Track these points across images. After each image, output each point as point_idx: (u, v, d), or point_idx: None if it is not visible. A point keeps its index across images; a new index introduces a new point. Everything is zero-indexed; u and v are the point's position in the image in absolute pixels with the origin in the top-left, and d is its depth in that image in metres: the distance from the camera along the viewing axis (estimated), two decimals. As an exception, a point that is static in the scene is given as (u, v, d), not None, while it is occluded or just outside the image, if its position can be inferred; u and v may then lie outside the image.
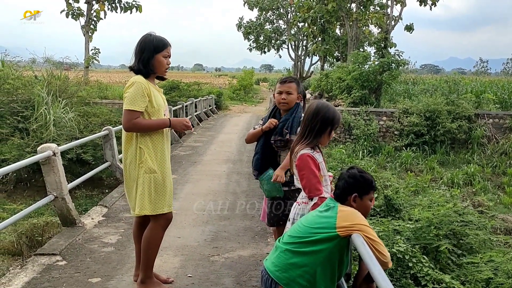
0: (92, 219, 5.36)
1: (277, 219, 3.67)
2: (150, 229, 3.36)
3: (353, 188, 2.41)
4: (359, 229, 2.20)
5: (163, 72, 3.39)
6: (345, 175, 2.47)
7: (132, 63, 3.33)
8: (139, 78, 3.23)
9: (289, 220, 2.92)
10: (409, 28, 21.76)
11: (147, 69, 3.27)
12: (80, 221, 5.09)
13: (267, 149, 3.56)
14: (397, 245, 5.11)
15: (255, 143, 3.77)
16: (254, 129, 3.72)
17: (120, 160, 7.41)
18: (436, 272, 5.04)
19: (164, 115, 3.36)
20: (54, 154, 4.78)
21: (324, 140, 2.88)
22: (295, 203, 2.95)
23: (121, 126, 3.31)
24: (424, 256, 5.19)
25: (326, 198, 2.61)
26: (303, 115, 3.45)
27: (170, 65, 3.42)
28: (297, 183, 2.92)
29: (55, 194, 4.87)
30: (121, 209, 5.79)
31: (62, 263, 4.08)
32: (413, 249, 5.25)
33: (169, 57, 3.37)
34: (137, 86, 3.17)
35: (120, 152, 7.58)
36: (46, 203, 4.93)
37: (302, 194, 2.88)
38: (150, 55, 3.25)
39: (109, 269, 3.97)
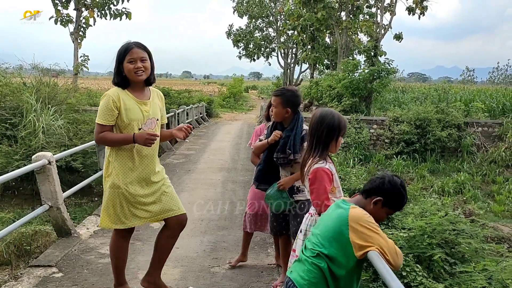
0: (88, 229, 5.26)
1: (280, 228, 3.64)
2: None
3: (383, 192, 2.30)
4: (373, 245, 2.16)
5: (134, 77, 3.12)
6: (388, 177, 2.34)
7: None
8: (111, 90, 3.17)
9: (300, 231, 2.88)
10: (398, 37, 21.96)
11: (123, 80, 3.18)
12: (75, 231, 4.99)
13: (270, 161, 3.51)
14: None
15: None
16: (260, 140, 3.67)
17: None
18: (430, 281, 5.04)
19: (140, 129, 3.17)
20: (50, 163, 4.69)
21: (333, 148, 2.83)
22: (307, 214, 2.90)
23: None
24: (418, 265, 5.19)
25: None
26: (306, 127, 3.42)
27: (140, 67, 3.11)
28: (308, 195, 2.89)
29: (50, 204, 4.77)
30: (116, 219, 5.68)
31: (58, 275, 3.98)
32: (407, 257, 5.24)
33: (138, 60, 3.10)
34: (106, 100, 3.11)
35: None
36: (41, 213, 4.83)
37: None
38: (119, 65, 3.15)
39: (108, 281, 3.88)
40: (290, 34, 38.67)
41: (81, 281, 3.88)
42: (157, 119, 3.32)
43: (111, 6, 22.71)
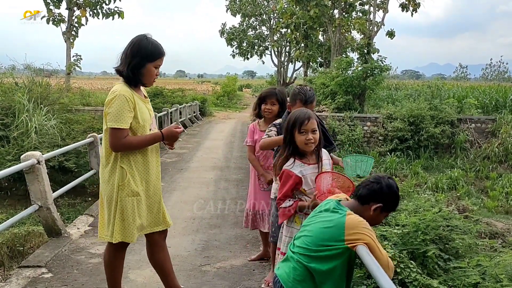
0: (78, 229, 5.21)
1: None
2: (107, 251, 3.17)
3: (383, 198, 2.24)
4: (364, 241, 2.14)
5: (150, 82, 3.03)
6: (384, 181, 2.26)
7: (120, 66, 2.92)
8: (123, 89, 2.86)
9: (282, 227, 2.88)
10: (391, 34, 21.97)
11: (136, 77, 2.91)
12: (65, 231, 4.95)
13: None
14: (385, 251, 5.08)
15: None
16: (268, 136, 3.42)
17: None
18: (424, 277, 5.03)
19: (150, 129, 3.01)
20: (39, 163, 4.64)
21: (300, 145, 2.73)
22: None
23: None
24: (412, 261, 5.19)
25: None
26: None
27: (157, 75, 3.05)
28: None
29: (39, 204, 4.72)
30: (107, 218, 5.64)
31: (48, 275, 3.94)
32: (401, 254, 5.24)
33: (159, 68, 3.01)
34: (121, 100, 2.80)
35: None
36: (30, 213, 4.78)
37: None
38: (142, 62, 2.87)
39: (97, 281, 3.84)
40: (283, 32, 38.58)
41: (71, 281, 3.84)
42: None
43: (103, 5, 22.57)
